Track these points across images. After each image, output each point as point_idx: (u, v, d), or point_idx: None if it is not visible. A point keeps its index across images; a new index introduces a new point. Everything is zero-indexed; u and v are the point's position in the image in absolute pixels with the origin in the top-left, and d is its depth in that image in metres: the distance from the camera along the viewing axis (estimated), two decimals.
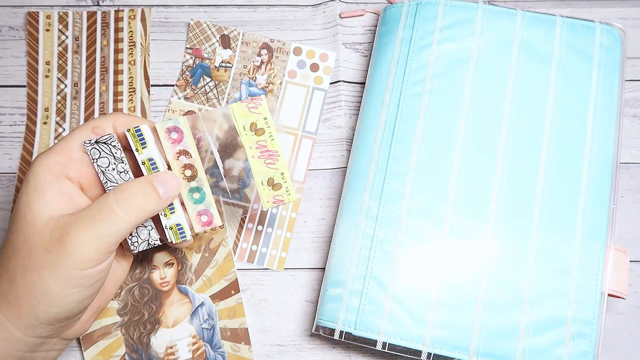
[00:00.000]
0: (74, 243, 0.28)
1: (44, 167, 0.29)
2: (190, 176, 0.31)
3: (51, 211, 0.29)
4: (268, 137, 0.30)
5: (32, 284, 0.28)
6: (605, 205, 0.38)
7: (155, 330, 0.40)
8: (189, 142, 0.31)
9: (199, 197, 0.32)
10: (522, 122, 0.39)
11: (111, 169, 0.30)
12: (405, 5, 0.42)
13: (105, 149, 0.30)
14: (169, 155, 0.31)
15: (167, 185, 0.30)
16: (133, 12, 0.46)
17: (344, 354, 0.41)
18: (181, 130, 0.30)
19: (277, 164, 0.30)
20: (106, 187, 0.31)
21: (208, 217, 0.32)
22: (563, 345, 0.35)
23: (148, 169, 0.31)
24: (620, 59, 0.40)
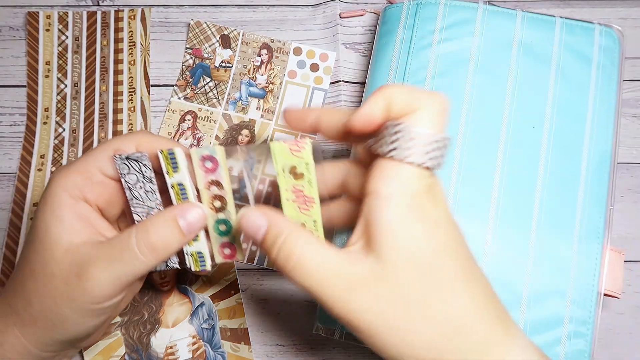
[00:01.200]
0: (93, 281, 0.27)
1: (62, 188, 0.28)
2: (219, 207, 0.30)
3: (69, 237, 0.28)
4: (307, 183, 0.28)
5: (49, 310, 0.28)
6: (602, 206, 0.38)
7: (155, 330, 0.40)
8: (223, 174, 0.29)
9: (225, 230, 0.30)
10: (522, 122, 0.39)
11: (139, 186, 0.30)
12: (405, 5, 0.42)
13: (135, 166, 0.29)
14: (200, 183, 0.29)
15: (191, 220, 0.29)
16: (133, 12, 0.46)
17: (344, 354, 0.41)
18: (216, 160, 0.29)
19: (311, 211, 0.28)
20: (131, 204, 0.30)
21: (231, 251, 0.31)
22: (559, 344, 0.35)
23: (177, 193, 0.29)
24: (618, 60, 0.40)
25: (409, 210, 0.24)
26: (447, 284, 0.24)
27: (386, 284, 0.24)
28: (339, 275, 0.24)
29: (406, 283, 0.24)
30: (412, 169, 0.24)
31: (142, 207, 0.30)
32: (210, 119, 0.45)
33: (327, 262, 0.25)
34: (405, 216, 0.24)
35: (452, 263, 0.24)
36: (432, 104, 0.25)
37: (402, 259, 0.24)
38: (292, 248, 0.25)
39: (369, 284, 0.24)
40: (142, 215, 0.30)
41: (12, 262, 0.41)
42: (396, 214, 0.24)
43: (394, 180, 0.24)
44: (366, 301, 0.24)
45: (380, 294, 0.24)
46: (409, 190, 0.24)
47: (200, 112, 0.45)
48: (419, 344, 0.24)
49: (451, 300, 0.24)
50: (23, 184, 0.43)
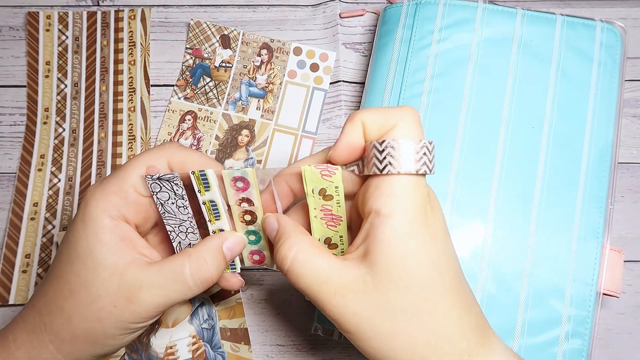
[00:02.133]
0: (143, 305, 0.29)
1: (101, 211, 0.29)
2: (249, 221, 0.31)
3: (114, 259, 0.29)
4: (335, 204, 0.29)
5: (93, 329, 0.29)
6: (602, 206, 0.37)
7: (155, 330, 0.40)
8: (254, 193, 0.30)
9: (254, 239, 0.32)
10: (521, 121, 0.39)
11: (170, 202, 0.31)
12: (405, 5, 0.42)
13: (166, 185, 0.30)
14: (232, 200, 0.31)
15: (234, 250, 0.31)
16: (133, 12, 0.46)
17: (343, 354, 0.41)
18: (248, 181, 0.30)
19: (338, 228, 0.30)
20: (164, 217, 0.31)
21: (260, 257, 0.33)
22: (558, 344, 0.35)
23: (208, 209, 0.31)
24: (620, 58, 0.40)
25: (409, 227, 0.25)
26: (434, 297, 0.25)
27: (376, 292, 0.25)
28: (330, 279, 0.26)
29: (395, 294, 0.25)
30: (409, 182, 0.25)
31: (174, 220, 0.31)
32: (210, 119, 0.45)
33: (320, 266, 0.26)
34: (403, 233, 0.25)
35: (440, 277, 0.26)
36: (405, 117, 0.26)
37: (393, 273, 0.25)
38: (289, 249, 0.27)
39: (359, 290, 0.25)
40: (175, 226, 0.31)
41: (12, 262, 0.41)
42: (395, 231, 0.25)
43: (393, 197, 0.25)
44: (355, 306, 0.25)
45: (369, 300, 0.25)
46: (409, 204, 0.25)
47: (200, 112, 0.45)
48: (402, 350, 0.25)
49: (437, 312, 0.25)
50: (23, 184, 0.43)
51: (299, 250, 0.27)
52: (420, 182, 0.26)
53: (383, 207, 0.25)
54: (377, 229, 0.25)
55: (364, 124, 0.27)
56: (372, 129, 0.26)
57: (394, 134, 0.26)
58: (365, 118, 0.27)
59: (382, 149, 0.25)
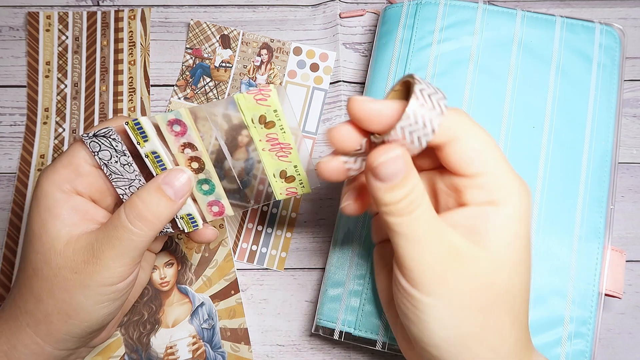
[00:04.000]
0: (99, 262, 0.28)
1: (52, 185, 0.29)
2: (197, 168, 0.30)
3: (69, 231, 0.29)
4: (279, 130, 0.28)
5: (62, 302, 0.28)
6: (603, 206, 0.37)
7: (155, 330, 0.40)
8: (193, 135, 0.29)
9: (208, 189, 0.31)
10: (522, 122, 0.39)
11: (114, 161, 0.29)
12: (405, 5, 0.42)
13: (104, 142, 0.29)
14: (173, 148, 0.29)
15: (176, 183, 0.29)
16: (133, 12, 0.46)
17: (344, 354, 0.41)
18: (184, 122, 0.29)
19: (290, 157, 0.28)
20: (111, 179, 0.30)
21: (219, 208, 0.32)
22: (560, 344, 0.35)
23: (152, 162, 0.29)
24: (619, 60, 0.40)
25: (521, 217, 0.26)
26: (527, 286, 0.27)
27: (488, 267, 0.25)
28: (447, 238, 0.25)
29: (506, 274, 0.26)
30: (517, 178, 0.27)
31: (122, 180, 0.30)
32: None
33: (440, 223, 0.26)
34: (518, 222, 0.26)
35: (530, 271, 0.27)
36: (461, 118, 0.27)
37: (507, 254, 0.26)
38: (417, 198, 0.25)
39: (473, 259, 0.25)
40: (125, 188, 0.30)
41: (12, 262, 0.41)
42: (509, 219, 0.26)
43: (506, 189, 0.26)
44: (463, 271, 0.25)
45: (479, 272, 0.25)
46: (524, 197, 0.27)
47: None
48: (493, 329, 0.26)
49: (526, 301, 0.27)
50: (23, 184, 0.43)
51: (427, 199, 0.26)
52: (518, 175, 0.27)
53: (497, 198, 0.26)
54: (492, 215, 0.26)
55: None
56: None
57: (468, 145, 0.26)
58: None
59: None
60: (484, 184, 0.26)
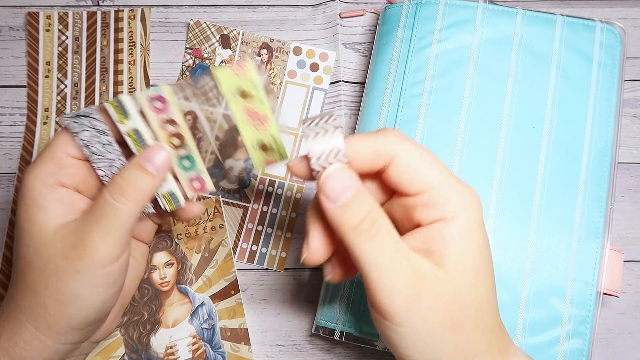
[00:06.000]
0: (88, 244, 0.28)
1: (36, 179, 0.29)
2: (178, 145, 0.30)
3: (56, 221, 0.29)
4: (257, 101, 0.29)
5: (57, 291, 0.28)
6: (602, 206, 0.37)
7: (155, 330, 0.40)
8: (174, 111, 0.29)
9: (189, 165, 0.31)
10: (522, 121, 0.39)
11: (95, 141, 0.29)
12: (405, 5, 0.42)
13: (85, 122, 0.29)
14: (154, 124, 0.30)
15: (155, 160, 0.30)
16: (133, 12, 0.46)
17: (344, 354, 0.41)
18: (164, 98, 0.29)
19: (267, 127, 0.29)
20: (92, 160, 0.30)
21: (200, 183, 0.32)
22: (558, 343, 0.35)
23: (134, 140, 0.30)
24: (620, 59, 0.40)
25: (474, 228, 0.26)
26: (491, 293, 0.27)
27: (450, 283, 0.26)
28: (408, 262, 0.26)
29: (467, 286, 0.26)
30: (467, 189, 0.27)
31: (103, 161, 0.30)
32: (210, 119, 0.45)
33: (401, 246, 0.26)
34: (469, 234, 0.26)
35: (493, 276, 0.28)
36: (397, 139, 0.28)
37: (464, 268, 0.26)
38: (376, 221, 0.26)
39: (435, 280, 0.26)
40: (105, 169, 0.30)
41: (11, 261, 0.41)
42: (462, 232, 0.26)
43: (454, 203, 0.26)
44: (428, 294, 0.25)
45: (443, 291, 0.26)
46: (472, 208, 0.27)
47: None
48: (464, 345, 0.26)
49: (492, 308, 0.27)
50: None
51: (385, 222, 0.26)
52: (464, 182, 0.27)
53: (446, 213, 0.26)
54: (444, 231, 0.26)
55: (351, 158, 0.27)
56: (364, 160, 0.27)
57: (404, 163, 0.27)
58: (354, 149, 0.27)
59: None
60: (429, 200, 0.26)
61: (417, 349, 0.26)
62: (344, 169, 0.26)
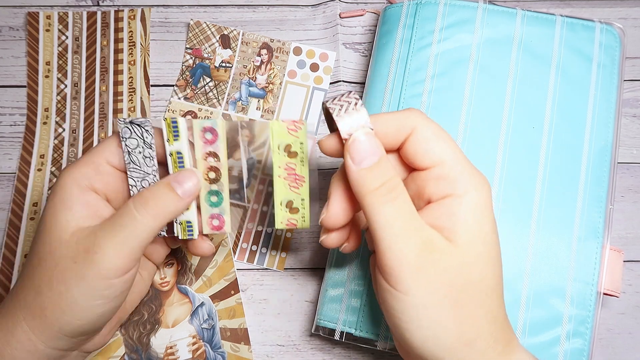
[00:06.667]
0: (99, 250, 0.28)
1: (71, 179, 0.30)
2: (213, 179, 0.31)
3: (77, 223, 0.29)
4: (299, 162, 0.30)
5: (59, 295, 0.28)
6: (602, 206, 0.38)
7: (155, 330, 0.40)
8: (221, 146, 0.30)
9: (216, 201, 0.32)
10: (522, 122, 0.39)
11: (137, 151, 0.30)
12: (405, 5, 0.42)
13: (137, 131, 0.30)
14: (198, 153, 0.30)
15: (186, 184, 0.30)
16: (133, 12, 0.46)
17: (344, 354, 0.41)
18: (217, 132, 0.30)
19: (301, 190, 0.30)
20: (127, 167, 0.31)
21: (220, 222, 0.32)
22: (559, 344, 0.35)
23: (174, 161, 0.30)
24: (619, 59, 0.40)
25: (484, 204, 0.27)
26: (499, 278, 0.28)
27: (459, 260, 0.26)
28: (421, 229, 0.26)
29: (475, 268, 0.27)
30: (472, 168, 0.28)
31: (138, 172, 0.31)
32: (210, 119, 0.45)
33: (416, 213, 0.27)
34: (481, 210, 0.27)
35: (501, 260, 0.28)
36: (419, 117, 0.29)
37: (474, 244, 0.27)
38: (397, 186, 0.27)
39: (444, 253, 0.26)
40: (138, 180, 0.31)
41: (11, 262, 0.41)
42: (473, 209, 0.27)
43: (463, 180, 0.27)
44: (436, 265, 0.26)
45: (451, 265, 0.26)
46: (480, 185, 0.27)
47: (200, 112, 0.45)
48: (467, 323, 0.26)
49: (499, 293, 0.28)
50: (23, 184, 0.43)
51: (404, 190, 0.27)
52: (475, 167, 0.28)
53: (457, 189, 0.27)
54: (455, 207, 0.27)
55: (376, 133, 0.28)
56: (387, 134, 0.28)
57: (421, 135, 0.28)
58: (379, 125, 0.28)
59: None
60: (441, 174, 0.27)
61: (419, 322, 0.26)
62: (371, 134, 0.27)
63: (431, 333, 0.26)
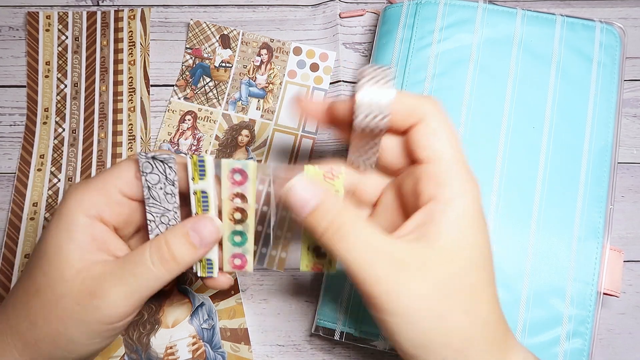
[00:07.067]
0: (106, 298, 0.27)
1: (79, 207, 0.28)
2: (239, 219, 0.30)
3: (82, 259, 0.27)
4: None
5: (56, 332, 0.27)
6: (602, 206, 0.37)
7: (155, 330, 0.40)
8: (250, 188, 0.29)
9: (240, 241, 0.31)
10: (522, 122, 0.39)
11: (159, 187, 0.29)
12: (405, 5, 0.42)
13: (159, 167, 0.28)
14: (225, 193, 0.29)
15: (203, 233, 0.29)
16: (133, 12, 0.46)
17: (343, 354, 0.41)
18: (246, 174, 0.29)
19: None
20: (147, 202, 0.29)
21: (242, 262, 0.31)
22: (559, 344, 0.35)
23: (198, 200, 0.29)
24: (619, 59, 0.40)
25: (470, 212, 0.26)
26: (484, 282, 0.27)
27: (435, 270, 0.25)
28: (385, 254, 0.25)
29: (455, 273, 0.25)
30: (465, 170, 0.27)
31: (157, 207, 0.29)
32: (210, 119, 0.45)
33: (375, 240, 0.26)
34: (465, 218, 0.26)
35: (490, 266, 0.27)
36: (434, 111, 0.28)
37: (454, 253, 0.26)
38: (342, 224, 0.26)
39: (418, 267, 0.25)
40: (157, 216, 0.29)
41: (11, 262, 0.41)
42: (457, 216, 0.26)
43: (452, 185, 0.26)
44: (411, 282, 0.25)
45: (427, 278, 0.25)
46: (468, 192, 0.26)
47: (200, 112, 0.45)
48: (453, 331, 0.25)
49: (485, 297, 0.26)
50: (22, 184, 0.43)
51: (353, 223, 0.26)
52: (470, 169, 0.27)
53: (443, 194, 0.26)
54: (438, 215, 0.26)
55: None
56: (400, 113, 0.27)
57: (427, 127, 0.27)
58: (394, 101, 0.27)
59: None
60: (433, 173, 0.26)
61: (407, 336, 0.25)
62: (303, 180, 0.27)
63: (420, 343, 0.26)
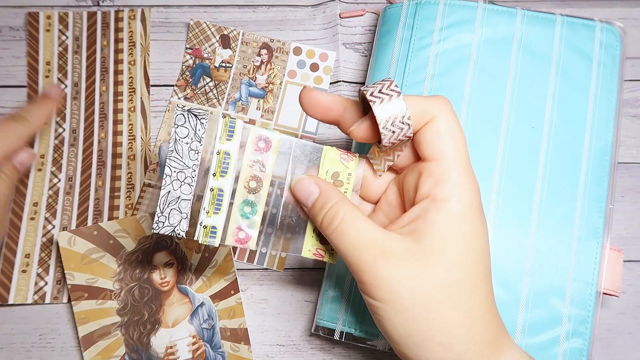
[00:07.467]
0: None
1: None
2: (253, 188, 0.30)
3: None
4: (343, 192, 0.30)
5: None
6: (602, 206, 0.37)
7: (155, 330, 0.40)
8: (270, 158, 0.30)
9: (249, 212, 0.30)
10: (521, 122, 0.39)
11: (185, 142, 0.29)
12: (405, 5, 0.42)
13: (192, 121, 0.29)
14: (247, 158, 0.29)
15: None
16: (133, 12, 0.46)
17: (344, 354, 0.41)
18: (270, 142, 0.30)
19: None
20: (169, 156, 0.29)
21: (245, 236, 0.31)
22: (558, 343, 0.35)
23: (219, 162, 0.29)
24: (619, 58, 0.40)
25: (465, 211, 0.27)
26: (476, 280, 0.27)
27: (423, 263, 0.26)
28: (374, 242, 0.27)
29: (442, 267, 0.26)
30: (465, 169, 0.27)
31: (178, 162, 0.29)
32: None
33: (365, 229, 0.27)
34: (459, 216, 0.27)
35: (483, 264, 0.27)
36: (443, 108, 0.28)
37: (444, 249, 0.26)
38: (337, 213, 0.28)
39: (405, 258, 0.26)
40: (174, 171, 0.29)
41: (11, 261, 0.41)
42: (451, 214, 0.26)
43: (448, 183, 0.27)
44: (398, 271, 0.26)
45: (414, 269, 0.26)
46: (466, 191, 0.27)
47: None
48: (437, 325, 0.26)
49: (476, 294, 0.27)
50: (23, 184, 0.43)
51: (347, 212, 0.28)
52: (472, 170, 0.28)
53: (439, 192, 0.27)
54: (431, 212, 0.27)
55: None
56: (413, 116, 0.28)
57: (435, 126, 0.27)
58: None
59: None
60: (434, 171, 0.27)
61: (391, 323, 0.26)
62: (304, 178, 0.29)
63: (404, 332, 0.26)
